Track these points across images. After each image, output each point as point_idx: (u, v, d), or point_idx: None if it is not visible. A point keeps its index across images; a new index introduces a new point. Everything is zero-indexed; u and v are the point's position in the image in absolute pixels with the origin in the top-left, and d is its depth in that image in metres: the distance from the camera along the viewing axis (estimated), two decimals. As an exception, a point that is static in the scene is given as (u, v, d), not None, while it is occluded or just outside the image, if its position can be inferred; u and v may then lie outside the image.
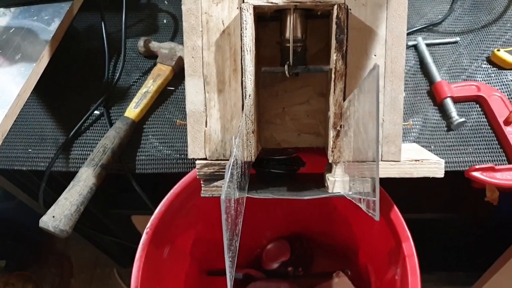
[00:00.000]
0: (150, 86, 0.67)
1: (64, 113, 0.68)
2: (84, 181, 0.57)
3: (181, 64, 0.70)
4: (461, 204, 0.90)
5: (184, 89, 0.67)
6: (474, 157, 0.59)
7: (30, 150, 0.64)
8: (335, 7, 0.39)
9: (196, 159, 0.44)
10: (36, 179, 0.74)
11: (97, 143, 0.61)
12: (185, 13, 0.41)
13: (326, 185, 0.44)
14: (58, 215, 0.53)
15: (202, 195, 0.45)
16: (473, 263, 0.97)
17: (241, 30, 0.39)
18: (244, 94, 0.40)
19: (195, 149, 0.44)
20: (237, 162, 0.38)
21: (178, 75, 0.71)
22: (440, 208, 0.92)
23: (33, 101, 0.69)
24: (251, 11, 0.39)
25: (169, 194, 0.56)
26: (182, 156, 0.62)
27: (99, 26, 0.75)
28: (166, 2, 0.83)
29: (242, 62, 0.40)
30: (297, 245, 0.83)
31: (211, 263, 0.71)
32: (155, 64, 0.71)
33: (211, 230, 0.66)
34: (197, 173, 0.44)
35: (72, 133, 0.64)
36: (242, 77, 0.41)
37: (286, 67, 0.40)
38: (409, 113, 0.64)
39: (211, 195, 0.45)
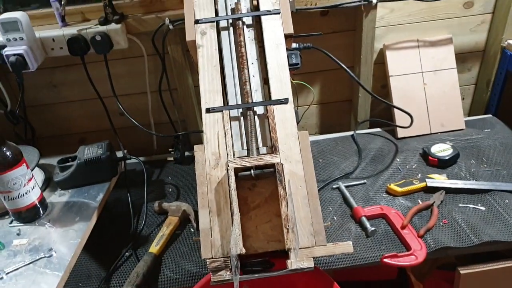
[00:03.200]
0: (165, 231, 0.98)
1: (103, 256, 0.95)
2: (124, 296, 0.81)
3: (185, 215, 1.03)
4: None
5: (188, 232, 0.99)
6: (385, 252, 0.89)
7: (80, 284, 0.88)
8: (275, 164, 0.75)
9: (206, 259, 0.72)
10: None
11: (128, 275, 0.87)
12: (197, 176, 0.77)
13: (287, 267, 0.72)
14: (108, 321, 0.75)
15: (212, 283, 0.71)
16: None
17: (228, 180, 0.74)
18: (232, 213, 0.73)
19: (206, 252, 0.73)
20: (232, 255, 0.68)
21: (183, 223, 1.02)
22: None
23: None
24: (232, 170, 0.75)
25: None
26: (188, 276, 0.88)
27: (122, 197, 1.09)
28: (170, 177, 1.21)
29: (230, 197, 0.74)
30: None
31: None
32: (166, 217, 1.03)
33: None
34: (208, 267, 0.71)
35: (110, 269, 0.90)
36: (230, 205, 0.74)
37: (252, 171, 0.74)
38: (340, 230, 0.96)
39: (218, 281, 0.71)
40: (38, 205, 0.95)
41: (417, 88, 1.26)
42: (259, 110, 0.82)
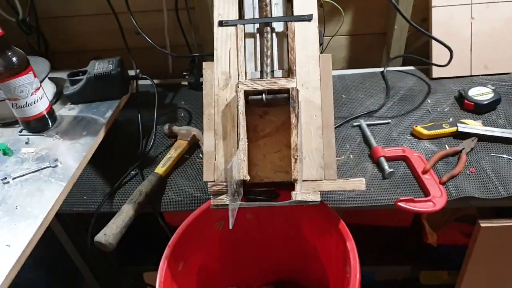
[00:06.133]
0: (172, 154, 0.94)
1: (109, 173, 0.93)
2: (126, 212, 0.80)
3: (195, 140, 0.99)
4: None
5: (196, 156, 0.95)
6: (401, 195, 0.83)
7: (85, 197, 0.88)
8: (290, 89, 0.68)
9: (208, 182, 0.69)
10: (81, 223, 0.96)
11: (132, 192, 0.86)
12: (204, 95, 0.71)
13: (291, 198, 0.68)
14: (108, 233, 0.75)
15: (211, 206, 0.69)
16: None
17: (237, 102, 0.68)
18: (239, 139, 0.67)
19: (208, 175, 0.69)
20: (233, 178, 0.63)
21: (192, 147, 0.99)
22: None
23: (88, 164, 0.94)
24: (242, 92, 0.68)
25: (185, 220, 0.78)
26: (191, 200, 0.86)
27: (133, 118, 1.06)
28: (183, 102, 1.16)
29: (238, 121, 0.68)
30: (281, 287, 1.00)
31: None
32: (176, 140, 0.99)
33: (212, 259, 0.86)
34: (209, 190, 0.68)
35: (115, 185, 0.89)
36: (237, 130, 0.69)
37: (263, 95, 0.67)
38: (355, 169, 0.90)
39: (218, 205, 0.68)
40: (47, 116, 0.93)
41: (463, 22, 1.11)
42: (278, 27, 0.74)
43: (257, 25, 0.73)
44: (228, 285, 0.89)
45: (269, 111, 0.74)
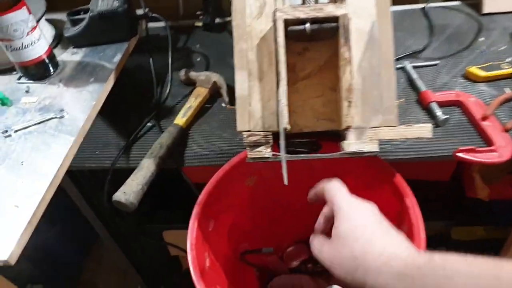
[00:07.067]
0: (192, 102, 0.83)
1: (123, 125, 0.83)
2: (146, 168, 0.70)
3: (216, 87, 0.87)
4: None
5: (218, 106, 0.84)
6: (459, 145, 0.72)
7: (97, 152, 0.78)
8: (340, 17, 0.56)
9: (243, 132, 0.58)
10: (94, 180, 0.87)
11: (150, 146, 0.76)
12: (234, 27, 0.59)
13: (341, 149, 0.58)
14: (128, 191, 0.66)
15: (248, 160, 0.59)
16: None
17: (275, 33, 0.56)
18: (278, 79, 0.56)
19: (242, 124, 0.58)
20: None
21: (213, 96, 0.87)
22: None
23: (98, 116, 0.84)
24: (281, 20, 0.56)
25: (214, 176, 0.68)
26: (219, 153, 0.76)
27: (145, 64, 0.94)
28: (198, 45, 1.03)
29: (277, 57, 0.56)
30: (315, 246, 0.92)
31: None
32: (194, 88, 0.88)
33: (243, 217, 0.78)
34: (244, 141, 0.58)
35: (131, 138, 0.79)
36: (276, 68, 0.57)
37: (308, 25, 0.56)
38: (403, 116, 0.79)
39: (256, 158, 0.58)
40: (47, 61, 0.81)
41: None
42: None
43: None
44: (259, 245, 0.81)
45: (309, 47, 0.62)
